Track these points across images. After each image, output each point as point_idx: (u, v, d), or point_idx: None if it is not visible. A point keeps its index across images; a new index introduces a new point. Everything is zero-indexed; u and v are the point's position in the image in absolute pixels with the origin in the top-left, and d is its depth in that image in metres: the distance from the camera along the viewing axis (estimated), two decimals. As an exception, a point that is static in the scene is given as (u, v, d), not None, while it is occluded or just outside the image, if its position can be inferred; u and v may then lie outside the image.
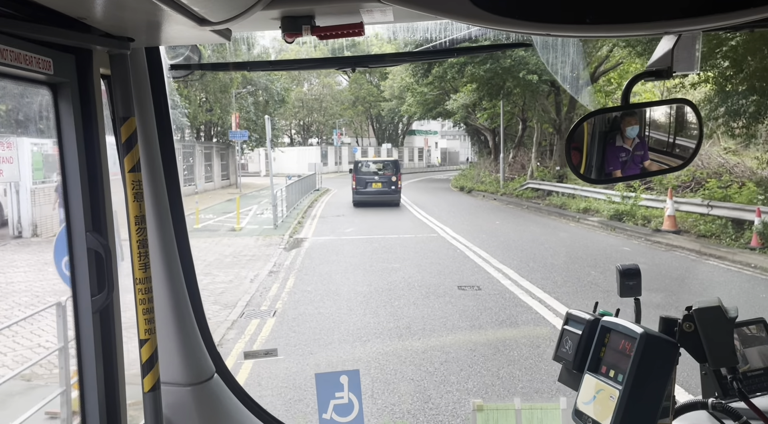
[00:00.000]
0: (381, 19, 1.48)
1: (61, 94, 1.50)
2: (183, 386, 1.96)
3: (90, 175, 1.56)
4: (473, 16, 1.03)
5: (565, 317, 1.63)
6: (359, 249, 14.86)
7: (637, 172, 1.57)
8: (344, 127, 67.10)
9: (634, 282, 1.62)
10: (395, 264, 12.78)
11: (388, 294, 10.16)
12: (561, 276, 11.50)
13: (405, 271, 12.06)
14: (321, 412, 2.23)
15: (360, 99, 62.89)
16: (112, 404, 1.63)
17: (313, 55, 38.99)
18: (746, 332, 1.68)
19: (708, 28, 1.17)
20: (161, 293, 1.90)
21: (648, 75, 1.52)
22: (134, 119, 1.63)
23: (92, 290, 1.57)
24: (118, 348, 1.64)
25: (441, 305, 9.45)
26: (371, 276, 11.72)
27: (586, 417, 1.44)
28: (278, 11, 1.34)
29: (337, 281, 11.32)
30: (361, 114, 66.50)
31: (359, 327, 8.41)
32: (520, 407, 2.98)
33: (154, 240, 1.86)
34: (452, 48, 1.95)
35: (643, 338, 1.39)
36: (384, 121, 69.15)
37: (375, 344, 7.73)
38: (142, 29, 1.55)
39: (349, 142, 66.76)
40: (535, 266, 12.41)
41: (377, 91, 59.87)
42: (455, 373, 6.68)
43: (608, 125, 1.53)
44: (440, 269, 12.40)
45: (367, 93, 61.90)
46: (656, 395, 1.40)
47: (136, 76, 1.75)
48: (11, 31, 1.25)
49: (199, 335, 2.02)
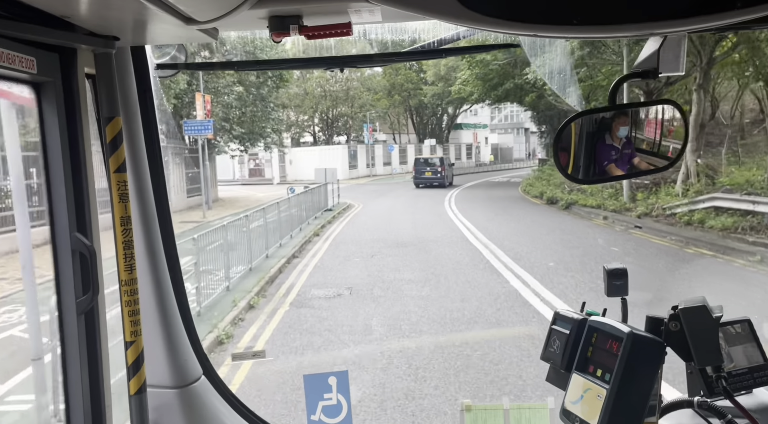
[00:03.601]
0: (369, 19, 1.48)
1: (45, 93, 1.48)
2: (169, 388, 1.94)
3: (74, 176, 1.54)
4: (461, 17, 1.03)
5: (553, 317, 1.63)
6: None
7: (625, 173, 1.58)
8: (377, 122, 56.10)
9: (621, 282, 1.63)
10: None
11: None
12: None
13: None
14: (309, 413, 2.22)
15: (396, 86, 51.20)
16: (97, 406, 1.61)
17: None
18: (731, 331, 1.69)
19: (693, 30, 1.18)
20: (147, 295, 1.88)
21: (635, 76, 1.53)
22: (119, 119, 1.61)
23: (77, 291, 1.55)
24: (103, 350, 1.62)
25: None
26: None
27: (573, 417, 1.44)
28: (266, 11, 1.34)
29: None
30: (398, 105, 54.28)
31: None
32: (509, 407, 2.99)
33: (139, 241, 1.84)
34: (440, 49, 1.95)
35: (630, 337, 1.40)
36: (425, 112, 57.77)
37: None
38: (128, 28, 1.54)
39: (384, 139, 56.29)
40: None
41: (417, 76, 50.70)
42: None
43: (595, 126, 1.54)
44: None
45: (405, 79, 50.61)
46: (643, 393, 1.41)
47: (122, 75, 1.74)
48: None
49: (186, 337, 2.01)
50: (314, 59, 1.98)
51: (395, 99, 52.46)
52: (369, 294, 10.37)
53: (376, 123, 55.18)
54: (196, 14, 1.29)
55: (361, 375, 6.93)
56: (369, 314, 9.26)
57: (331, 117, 54.83)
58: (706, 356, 1.47)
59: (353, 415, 2.26)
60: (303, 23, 1.38)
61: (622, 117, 1.54)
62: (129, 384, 1.70)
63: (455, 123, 59.70)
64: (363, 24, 1.54)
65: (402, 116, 58.38)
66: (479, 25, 1.05)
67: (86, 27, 1.46)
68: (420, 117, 58.17)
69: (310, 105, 50.64)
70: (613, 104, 1.51)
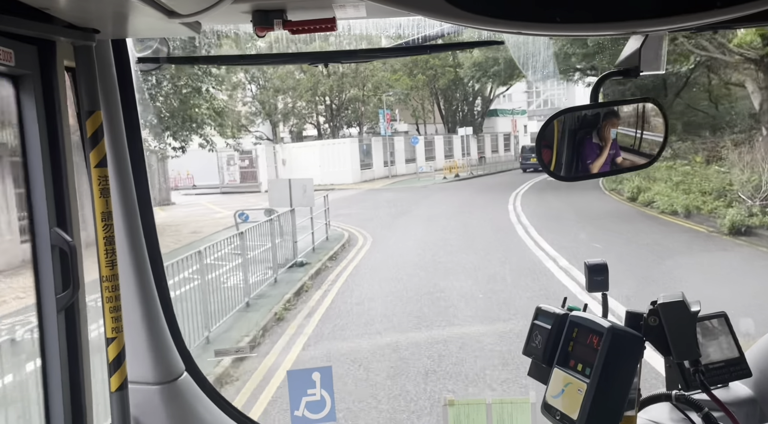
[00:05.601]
0: (354, 15, 1.48)
1: (23, 86, 1.45)
2: (151, 385, 1.93)
3: (54, 170, 1.51)
4: (446, 14, 1.03)
5: (535, 312, 1.65)
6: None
7: (608, 170, 1.60)
8: (397, 108, 42.19)
9: (601, 277, 1.64)
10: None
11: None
12: None
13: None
14: (293, 409, 2.22)
15: (420, 63, 38.29)
16: (77, 404, 1.59)
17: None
18: (708, 325, 1.72)
19: (673, 29, 1.20)
20: (129, 291, 1.86)
21: (616, 74, 1.55)
22: (100, 113, 1.59)
23: (56, 288, 1.53)
24: (83, 347, 1.60)
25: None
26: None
27: (554, 410, 1.46)
28: (249, 5, 1.33)
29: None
30: (421, 87, 41.35)
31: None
32: (491, 402, 3.01)
33: (121, 237, 1.82)
34: (425, 45, 1.95)
35: (610, 332, 1.42)
36: (455, 96, 45.36)
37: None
38: (108, 20, 1.51)
39: (406, 129, 44.03)
40: None
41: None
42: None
43: (578, 123, 1.55)
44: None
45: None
46: (622, 387, 1.43)
47: (102, 68, 1.71)
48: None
49: (168, 333, 1.99)
50: (298, 54, 1.98)
51: (419, 79, 39.80)
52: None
53: (395, 110, 41.72)
54: (178, 7, 1.28)
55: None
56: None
57: (338, 103, 40.49)
58: (683, 351, 1.50)
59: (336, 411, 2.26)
60: (287, 18, 1.37)
61: (603, 115, 1.56)
62: (110, 381, 1.68)
63: (489, 109, 47.98)
64: (348, 19, 1.53)
65: (427, 101, 45.00)
66: (464, 21, 1.05)
67: (65, 19, 1.44)
68: (448, 102, 45.71)
69: (307, 87, 37.19)
70: (595, 102, 1.53)
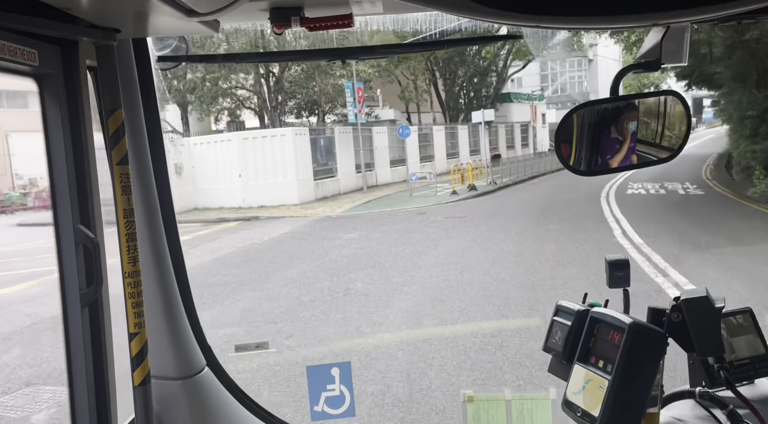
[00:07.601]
0: (370, 11, 1.48)
1: (47, 86, 1.48)
2: (173, 379, 1.96)
3: (77, 168, 1.54)
4: (463, 8, 1.02)
5: (555, 309, 1.63)
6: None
7: (627, 164, 1.58)
8: (379, 88, 29.97)
9: (622, 273, 1.62)
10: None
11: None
12: None
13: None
14: (312, 404, 2.24)
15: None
16: (102, 398, 1.62)
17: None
18: (733, 321, 1.70)
19: (696, 20, 1.18)
20: (151, 287, 1.88)
21: (637, 67, 1.53)
22: (121, 111, 1.61)
23: (80, 284, 1.56)
24: (107, 342, 1.63)
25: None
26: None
27: (575, 407, 1.45)
28: (267, 2, 1.33)
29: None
30: (416, 66, 30.30)
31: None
32: (511, 398, 3.00)
33: (142, 233, 1.85)
34: (443, 40, 1.95)
35: (632, 328, 1.40)
36: (458, 74, 33.48)
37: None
38: (129, 20, 1.53)
39: (394, 118, 31.21)
40: None
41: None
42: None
43: (597, 117, 1.53)
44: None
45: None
46: (645, 384, 1.41)
47: (123, 67, 1.73)
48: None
49: (190, 329, 2.02)
50: (315, 51, 1.98)
51: (412, 59, 28.27)
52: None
53: (375, 90, 28.83)
54: (196, 6, 1.29)
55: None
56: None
57: (275, 76, 26.11)
58: (707, 347, 1.47)
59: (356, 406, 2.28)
60: (304, 15, 1.37)
61: (624, 108, 1.53)
62: (133, 375, 1.71)
63: (501, 93, 36.65)
64: (364, 15, 1.53)
65: (421, 78, 32.62)
66: (481, 16, 1.05)
67: (87, 19, 1.46)
68: (450, 80, 33.50)
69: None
70: (615, 95, 1.51)
